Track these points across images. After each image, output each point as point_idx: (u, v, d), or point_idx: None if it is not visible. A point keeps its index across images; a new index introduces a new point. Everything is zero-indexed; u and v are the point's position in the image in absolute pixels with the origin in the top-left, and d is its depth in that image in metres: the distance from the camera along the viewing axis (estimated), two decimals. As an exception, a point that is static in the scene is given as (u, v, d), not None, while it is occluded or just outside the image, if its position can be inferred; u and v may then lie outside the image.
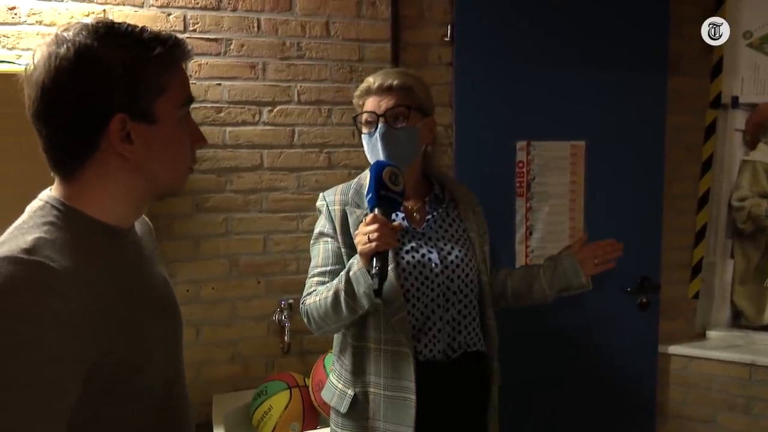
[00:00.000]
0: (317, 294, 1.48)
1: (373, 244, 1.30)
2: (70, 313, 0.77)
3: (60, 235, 0.83)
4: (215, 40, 2.06)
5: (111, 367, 0.83)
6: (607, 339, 2.43)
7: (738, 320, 2.64)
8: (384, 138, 1.49)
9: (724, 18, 2.48)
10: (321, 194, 1.61)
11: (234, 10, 2.07)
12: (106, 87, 0.84)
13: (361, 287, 1.36)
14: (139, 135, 0.87)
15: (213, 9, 2.05)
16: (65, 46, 0.82)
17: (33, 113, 0.85)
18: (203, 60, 2.06)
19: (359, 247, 1.34)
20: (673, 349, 2.54)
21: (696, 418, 2.54)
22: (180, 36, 0.92)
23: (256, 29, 2.10)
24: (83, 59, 0.82)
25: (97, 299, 0.83)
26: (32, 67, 0.84)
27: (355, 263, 1.38)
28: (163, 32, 0.90)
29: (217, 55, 2.07)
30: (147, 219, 1.11)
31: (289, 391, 1.95)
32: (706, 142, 2.55)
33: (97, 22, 0.86)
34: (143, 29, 0.88)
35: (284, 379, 2.00)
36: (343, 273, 1.42)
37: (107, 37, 0.85)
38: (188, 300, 2.11)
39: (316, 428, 1.97)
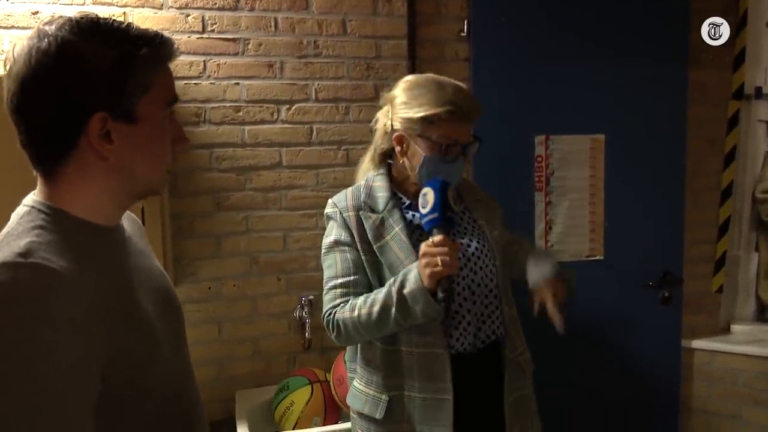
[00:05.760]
0: (354, 308, 1.43)
1: (445, 268, 1.29)
2: (79, 313, 0.76)
3: (51, 238, 0.81)
4: (233, 39, 2.08)
5: (126, 363, 0.83)
6: (630, 334, 2.41)
7: (763, 314, 2.60)
8: (461, 168, 1.51)
9: (747, 7, 2.44)
10: (330, 201, 1.56)
11: (251, 9, 2.09)
12: (88, 84, 0.81)
13: (419, 305, 1.35)
14: (120, 134, 0.84)
15: (231, 9, 2.07)
16: (46, 40, 0.79)
17: (11, 108, 0.82)
18: (222, 60, 2.08)
19: (429, 269, 1.31)
20: (697, 343, 2.51)
21: (721, 413, 2.51)
22: (167, 35, 0.90)
23: (273, 28, 2.11)
24: (65, 55, 0.80)
25: (101, 297, 0.82)
26: (12, 60, 0.81)
27: (412, 281, 1.36)
28: (150, 30, 0.87)
29: (235, 54, 2.09)
30: (134, 216, 1.09)
31: (310, 386, 1.97)
32: (728, 134, 2.51)
33: (82, 17, 0.83)
34: (129, 26, 0.85)
35: (305, 374, 2.02)
36: (392, 289, 1.39)
37: (91, 33, 0.82)
38: (210, 297, 2.14)
39: (337, 422, 1.98)
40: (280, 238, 2.19)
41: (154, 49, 0.86)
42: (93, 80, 0.81)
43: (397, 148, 1.51)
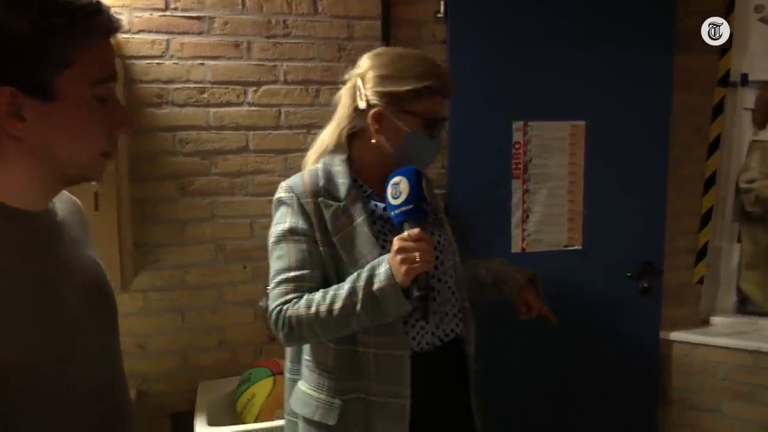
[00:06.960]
0: (311, 304, 1.30)
1: (423, 264, 1.21)
2: None
3: None
4: (198, 18, 2.00)
5: (37, 358, 0.79)
6: (608, 325, 2.37)
7: (745, 306, 2.56)
8: (439, 148, 1.49)
9: (735, -10, 2.37)
10: (284, 185, 1.43)
11: (217, -14, 2.00)
12: None
13: (389, 303, 1.26)
14: (33, 112, 0.77)
15: (195, -14, 1.99)
16: None
17: None
18: (186, 39, 2.00)
19: (406, 266, 1.21)
20: (676, 335, 2.46)
21: (700, 406, 2.47)
22: (109, 5, 0.83)
23: (240, 6, 2.03)
24: None
25: (10, 289, 0.77)
26: None
27: (383, 277, 1.25)
28: (84, 0, 0.80)
29: (200, 33, 2.01)
30: (75, 199, 1.02)
31: (272, 378, 1.91)
32: (713, 122, 2.44)
33: None
34: None
35: (269, 365, 1.97)
36: (358, 285, 1.28)
37: (9, 1, 0.75)
38: (174, 285, 2.08)
39: (301, 416, 1.93)
40: (247, 225, 2.12)
41: (81, 19, 0.79)
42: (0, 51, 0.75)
43: (374, 126, 1.39)
